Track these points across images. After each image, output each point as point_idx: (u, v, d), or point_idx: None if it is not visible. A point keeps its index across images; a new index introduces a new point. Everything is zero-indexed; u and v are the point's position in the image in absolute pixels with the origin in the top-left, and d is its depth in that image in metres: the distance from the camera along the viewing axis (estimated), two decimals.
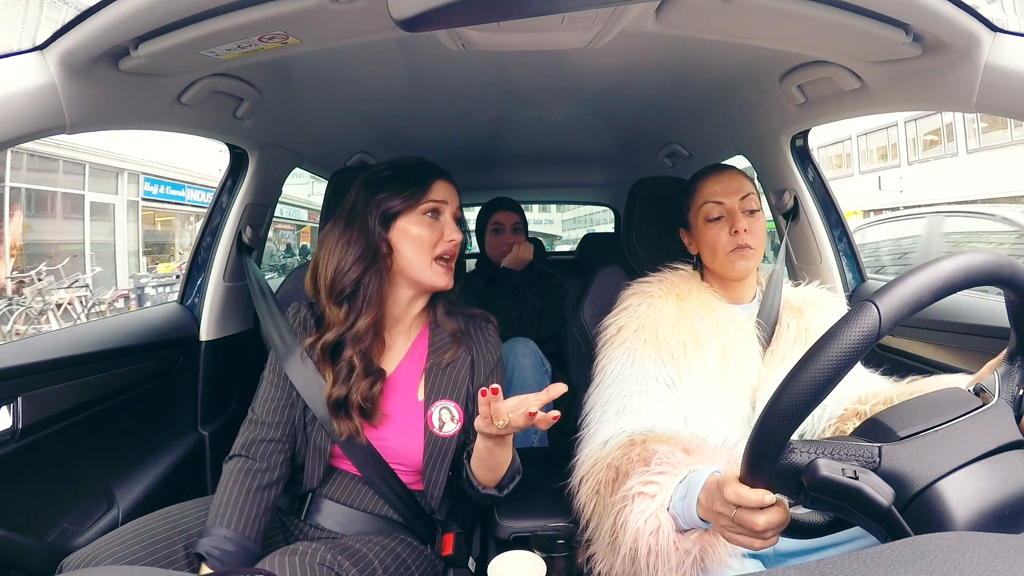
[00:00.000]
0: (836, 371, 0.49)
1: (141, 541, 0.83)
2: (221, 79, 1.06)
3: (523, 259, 1.95)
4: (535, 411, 0.77)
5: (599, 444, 0.93)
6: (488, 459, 0.91)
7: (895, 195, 14.59)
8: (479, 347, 1.04)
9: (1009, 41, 0.80)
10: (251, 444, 0.95)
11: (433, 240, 0.97)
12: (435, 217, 0.98)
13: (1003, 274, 0.54)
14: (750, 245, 1.01)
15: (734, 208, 1.02)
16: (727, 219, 1.03)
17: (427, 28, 0.71)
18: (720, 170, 1.07)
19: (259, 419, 0.97)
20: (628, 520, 0.77)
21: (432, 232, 0.97)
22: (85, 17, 0.75)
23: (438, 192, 0.98)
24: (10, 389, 0.97)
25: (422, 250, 0.96)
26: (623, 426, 0.92)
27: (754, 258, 1.03)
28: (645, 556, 0.75)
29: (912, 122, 14.36)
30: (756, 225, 1.02)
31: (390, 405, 0.97)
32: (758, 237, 1.02)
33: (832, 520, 0.61)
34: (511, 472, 0.97)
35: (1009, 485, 0.50)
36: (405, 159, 1.02)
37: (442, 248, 0.97)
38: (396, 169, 0.99)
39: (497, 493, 0.97)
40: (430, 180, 0.98)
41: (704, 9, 0.83)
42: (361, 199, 0.97)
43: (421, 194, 0.96)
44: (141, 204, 11.44)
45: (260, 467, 0.93)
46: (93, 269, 9.67)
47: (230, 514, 0.88)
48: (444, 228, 0.98)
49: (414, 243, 0.96)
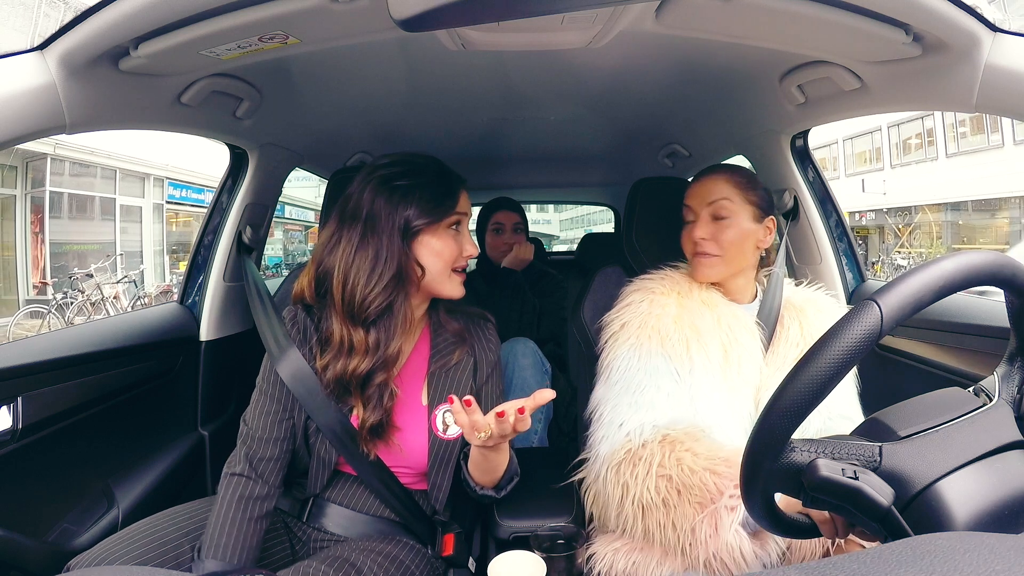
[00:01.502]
0: (838, 370, 0.49)
1: (150, 542, 0.83)
2: (221, 79, 1.06)
3: (523, 259, 1.95)
4: (503, 411, 0.76)
5: (623, 436, 0.94)
6: (483, 463, 0.91)
7: (878, 197, 14.79)
8: (480, 347, 1.04)
9: (1009, 41, 0.80)
10: (253, 462, 0.90)
11: (455, 254, 0.95)
12: (457, 229, 0.96)
13: (1004, 274, 0.54)
14: (708, 252, 1.02)
15: (699, 213, 1.03)
16: (694, 223, 1.04)
17: (427, 28, 0.71)
18: (704, 174, 1.07)
19: (257, 434, 0.91)
20: (719, 531, 0.83)
21: (454, 247, 0.95)
22: (85, 17, 0.75)
23: (462, 204, 0.95)
24: (10, 389, 0.97)
25: (443, 264, 0.94)
26: (642, 419, 0.94)
27: (718, 265, 1.02)
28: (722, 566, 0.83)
29: (895, 127, 14.62)
30: (722, 233, 1.01)
31: (395, 410, 0.96)
32: (721, 244, 1.01)
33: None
34: (509, 474, 0.97)
35: (1009, 485, 0.50)
36: (420, 160, 0.96)
37: (460, 263, 0.96)
38: (419, 177, 0.93)
39: (495, 494, 0.97)
40: (457, 192, 0.95)
41: (704, 9, 0.83)
42: (382, 209, 0.90)
43: (450, 209, 0.93)
44: (166, 207, 12.35)
45: (262, 492, 0.89)
46: (141, 265, 11.09)
47: (229, 543, 0.84)
48: (464, 242, 0.96)
49: (436, 257, 0.93)
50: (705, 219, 1.02)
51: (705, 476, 0.85)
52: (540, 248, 2.57)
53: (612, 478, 0.93)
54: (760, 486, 0.56)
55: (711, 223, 1.02)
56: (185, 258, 12.11)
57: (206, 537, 0.85)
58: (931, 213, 14.12)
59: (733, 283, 1.07)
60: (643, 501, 0.89)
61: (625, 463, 0.92)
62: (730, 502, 0.83)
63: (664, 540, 0.88)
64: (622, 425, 0.95)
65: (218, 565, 0.82)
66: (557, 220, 27.23)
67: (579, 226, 24.75)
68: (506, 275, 1.94)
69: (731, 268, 1.04)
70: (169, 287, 10.84)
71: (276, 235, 15.58)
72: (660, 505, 0.88)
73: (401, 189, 0.91)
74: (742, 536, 0.82)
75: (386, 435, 0.92)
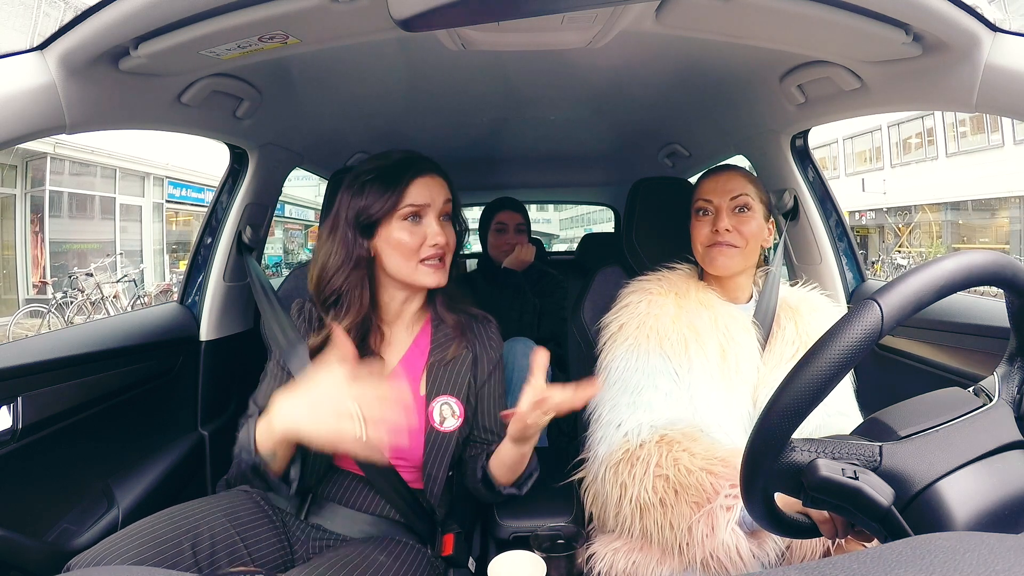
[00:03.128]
0: (838, 369, 0.49)
1: (149, 541, 0.83)
2: (221, 79, 1.06)
3: (524, 260, 1.95)
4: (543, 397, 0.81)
5: (621, 437, 0.95)
6: (517, 462, 0.95)
7: (878, 196, 14.81)
8: (481, 344, 1.04)
9: (1009, 41, 0.80)
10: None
11: (415, 245, 0.94)
12: (416, 221, 0.95)
13: (1004, 274, 0.54)
14: (732, 243, 1.02)
15: (721, 206, 1.04)
16: (713, 216, 1.04)
17: (427, 28, 0.71)
18: (719, 171, 1.08)
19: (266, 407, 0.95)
20: (715, 530, 0.83)
21: (414, 237, 0.94)
22: (85, 17, 0.75)
23: (416, 194, 0.94)
24: (10, 389, 0.97)
25: (406, 255, 0.94)
26: (640, 419, 0.95)
27: (737, 256, 1.03)
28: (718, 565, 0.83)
29: (895, 126, 14.65)
30: (744, 225, 1.02)
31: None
32: (744, 236, 1.02)
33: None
34: (529, 469, 0.99)
35: (1009, 485, 0.50)
36: (390, 154, 0.98)
37: (425, 252, 0.95)
38: (377, 171, 0.96)
39: (517, 492, 0.99)
40: (406, 182, 0.94)
41: (704, 9, 0.83)
42: (344, 203, 0.96)
43: (397, 199, 0.94)
44: (166, 206, 12.36)
45: None
46: (141, 264, 11.16)
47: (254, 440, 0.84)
48: (426, 232, 0.95)
49: (396, 249, 0.94)
50: (728, 211, 1.03)
51: (702, 476, 0.86)
52: (540, 248, 2.58)
53: (610, 478, 0.94)
54: (760, 486, 0.56)
55: (734, 215, 1.03)
56: (185, 257, 12.19)
57: (239, 441, 0.87)
58: (931, 213, 14.14)
59: (731, 282, 1.08)
60: (641, 501, 0.89)
61: (623, 463, 0.93)
62: (726, 501, 0.83)
63: (662, 540, 0.88)
64: (620, 425, 0.96)
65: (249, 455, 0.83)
66: (557, 220, 27.22)
67: (579, 225, 24.74)
68: (507, 275, 1.94)
69: (747, 261, 1.05)
70: (169, 286, 10.88)
71: (276, 234, 15.59)
72: (658, 505, 0.88)
73: (360, 183, 0.96)
74: (738, 535, 0.83)
75: None
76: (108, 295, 9.27)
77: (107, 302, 9.20)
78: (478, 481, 0.99)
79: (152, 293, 10.51)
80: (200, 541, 0.86)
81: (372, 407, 0.72)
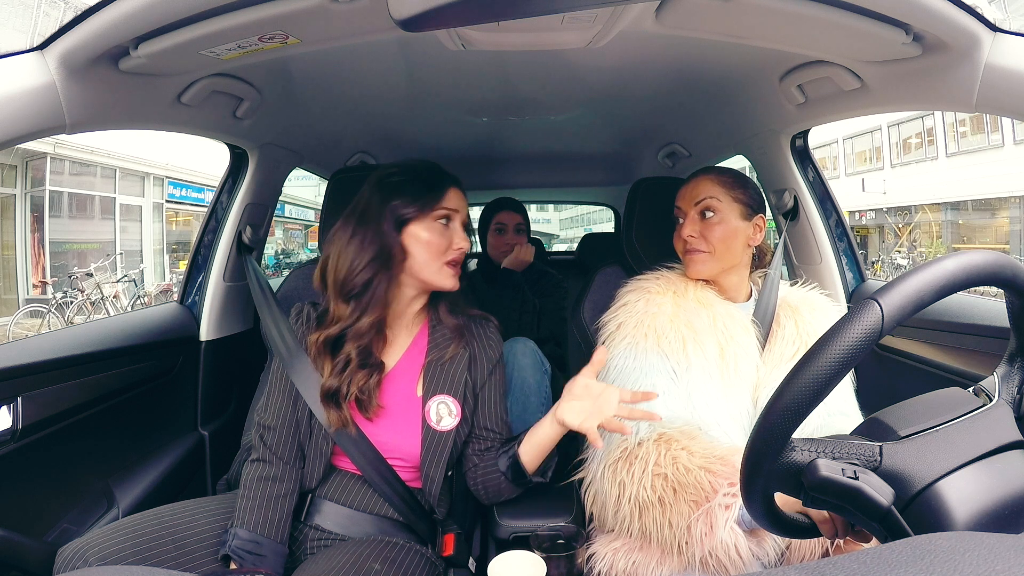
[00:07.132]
0: (839, 369, 0.49)
1: (133, 536, 0.84)
2: (221, 79, 1.06)
3: (524, 261, 1.95)
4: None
5: (618, 436, 0.95)
6: (547, 444, 1.00)
7: (878, 196, 14.81)
8: (480, 344, 1.05)
9: (1009, 41, 0.80)
10: (267, 444, 0.98)
11: (444, 246, 0.99)
12: (446, 224, 1.00)
13: (1004, 274, 0.54)
14: (698, 248, 1.04)
15: (687, 212, 1.06)
16: (683, 223, 1.07)
17: (427, 28, 0.71)
18: (692, 176, 1.10)
19: (267, 422, 0.99)
20: (714, 529, 0.83)
21: (443, 239, 0.99)
22: (85, 17, 0.75)
23: (450, 200, 1.00)
24: (10, 389, 0.97)
25: (433, 255, 0.98)
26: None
27: (709, 261, 1.04)
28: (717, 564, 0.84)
29: (895, 126, 14.64)
30: (709, 230, 1.03)
31: (388, 399, 0.99)
32: (710, 242, 1.03)
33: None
34: (553, 453, 1.03)
35: (1009, 485, 0.50)
36: (418, 163, 1.03)
37: (450, 255, 0.99)
38: (411, 174, 1.00)
39: (543, 479, 1.03)
40: (444, 188, 1.00)
41: (704, 9, 0.83)
42: (375, 201, 0.98)
43: (435, 201, 0.98)
44: (165, 206, 12.41)
45: (279, 473, 0.96)
46: (141, 264, 11.19)
47: (254, 516, 0.91)
48: (453, 236, 1.00)
49: (425, 248, 0.97)
50: (693, 218, 1.05)
51: (700, 474, 0.86)
52: (540, 248, 2.57)
53: (609, 477, 0.94)
54: (760, 485, 0.55)
55: (699, 221, 1.05)
56: (185, 257, 12.24)
57: (236, 511, 0.94)
58: (931, 213, 14.14)
59: (727, 281, 1.08)
60: (640, 500, 0.89)
61: (621, 462, 0.93)
62: (725, 500, 0.83)
63: (661, 538, 0.88)
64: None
65: (248, 534, 0.90)
66: (557, 220, 27.23)
67: (579, 225, 24.75)
68: (506, 275, 1.94)
69: (722, 264, 1.06)
70: (169, 286, 10.90)
71: (276, 234, 15.59)
72: (656, 503, 0.88)
73: (392, 184, 0.99)
74: (737, 534, 0.83)
75: (343, 407, 0.95)
76: (108, 295, 9.32)
77: (107, 302, 9.25)
78: (501, 475, 1.01)
79: (152, 293, 10.54)
80: (186, 540, 0.88)
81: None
